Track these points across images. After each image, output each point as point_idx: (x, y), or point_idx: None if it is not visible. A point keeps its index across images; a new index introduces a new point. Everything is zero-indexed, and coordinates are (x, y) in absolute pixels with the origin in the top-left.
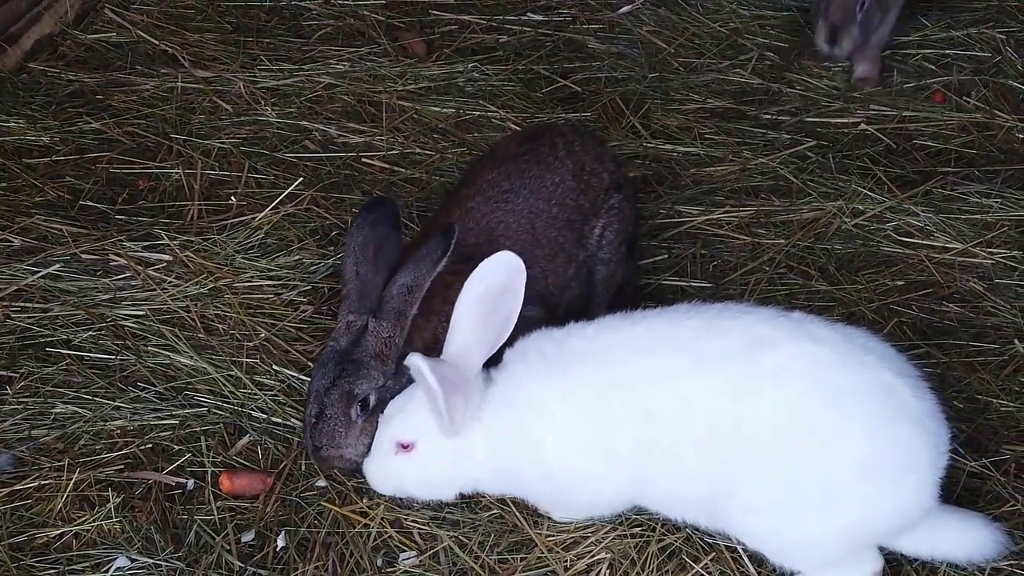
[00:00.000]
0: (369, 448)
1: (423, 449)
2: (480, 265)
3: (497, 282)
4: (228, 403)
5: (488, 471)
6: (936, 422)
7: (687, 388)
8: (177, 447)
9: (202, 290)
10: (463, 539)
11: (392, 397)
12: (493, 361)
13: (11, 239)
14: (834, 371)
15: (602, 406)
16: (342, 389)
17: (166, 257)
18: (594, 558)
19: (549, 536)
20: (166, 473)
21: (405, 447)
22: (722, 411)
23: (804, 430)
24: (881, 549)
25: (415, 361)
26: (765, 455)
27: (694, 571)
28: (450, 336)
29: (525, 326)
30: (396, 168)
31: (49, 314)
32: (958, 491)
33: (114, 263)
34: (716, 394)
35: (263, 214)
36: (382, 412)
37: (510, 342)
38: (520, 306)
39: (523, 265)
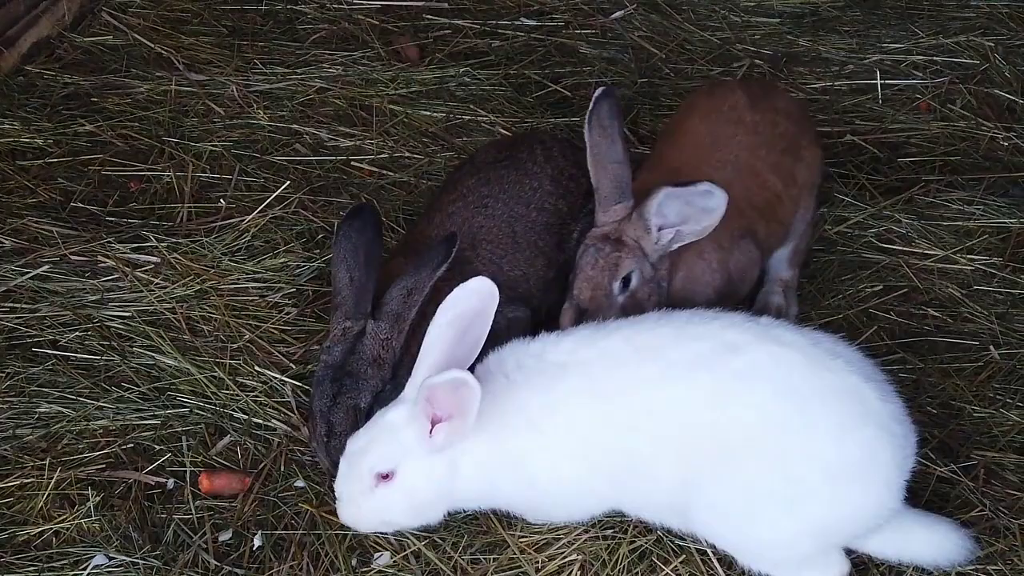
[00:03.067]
0: None
1: (403, 474)
2: (454, 291)
3: (470, 308)
4: (210, 404)
5: (473, 486)
6: (902, 425)
7: (664, 395)
8: (158, 447)
9: (188, 292)
10: (436, 540)
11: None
12: None
13: (2, 240)
14: (801, 374)
15: (585, 417)
16: (345, 405)
17: (154, 259)
18: (566, 559)
19: (522, 537)
20: (146, 473)
21: (385, 477)
22: (696, 416)
23: (773, 432)
24: (849, 553)
25: (459, 375)
26: (735, 457)
27: (664, 573)
28: (421, 359)
29: (511, 326)
30: (385, 172)
31: (37, 315)
32: (927, 495)
33: (102, 265)
34: (691, 400)
35: (251, 217)
36: None
37: (486, 349)
38: (487, 331)
39: (496, 291)
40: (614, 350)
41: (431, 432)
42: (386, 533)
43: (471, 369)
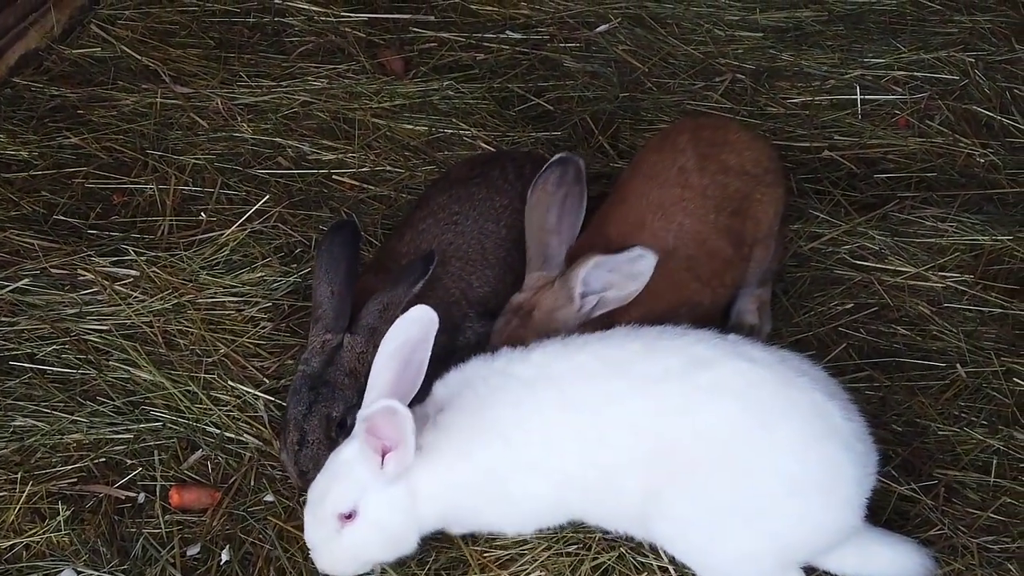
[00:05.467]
0: None
1: (365, 509)
2: (397, 321)
3: (411, 337)
4: (183, 418)
5: (439, 505)
6: (864, 444)
7: (633, 409)
8: (130, 461)
9: (166, 306)
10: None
11: None
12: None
13: None
14: (768, 390)
15: (555, 430)
16: (320, 414)
17: (133, 272)
18: None
19: (485, 553)
20: (117, 487)
21: (348, 517)
22: (664, 429)
23: (737, 446)
24: (810, 572)
25: (388, 404)
26: (700, 470)
27: None
28: (369, 391)
29: (481, 342)
30: (365, 185)
31: (15, 328)
32: (887, 513)
33: (82, 278)
34: (658, 413)
35: (230, 231)
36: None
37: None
38: (428, 356)
39: (436, 318)
40: (583, 364)
41: (383, 463)
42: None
43: (425, 391)
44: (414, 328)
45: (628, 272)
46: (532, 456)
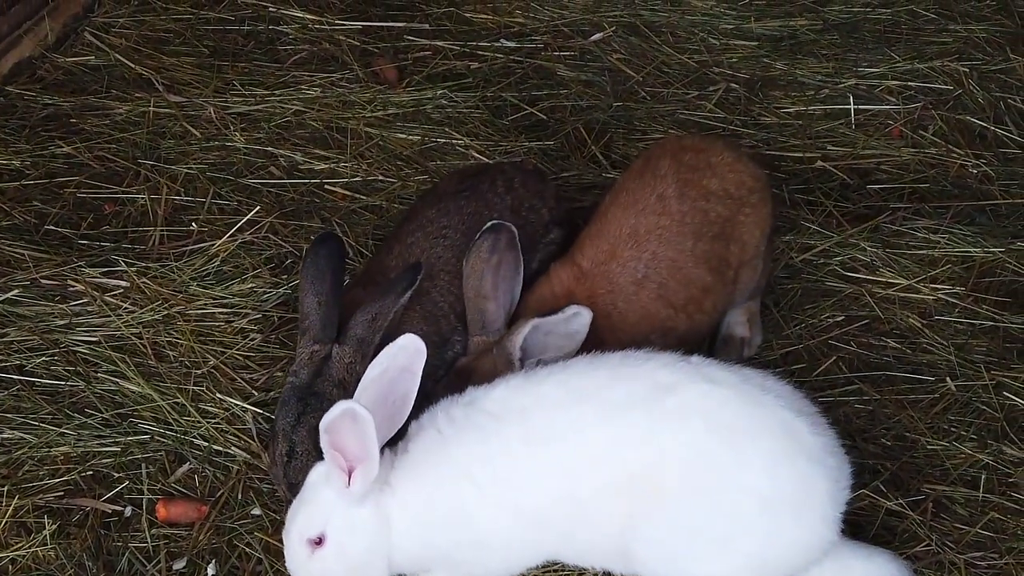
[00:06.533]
0: None
1: (332, 533)
2: (385, 348)
3: (396, 364)
4: (171, 430)
5: (410, 543)
6: (835, 457)
7: (600, 438)
8: (117, 474)
9: (156, 317)
10: None
11: None
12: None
13: None
14: (733, 411)
15: (522, 465)
16: (309, 425)
17: (123, 283)
18: None
19: None
20: (104, 500)
21: (317, 542)
22: (632, 457)
23: (706, 469)
24: None
25: (347, 406)
26: (671, 495)
27: None
28: None
29: None
30: (357, 196)
31: (5, 339)
32: (875, 529)
33: (72, 289)
34: (626, 441)
35: (221, 241)
36: None
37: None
38: (417, 387)
39: (424, 347)
40: (548, 395)
41: (349, 481)
42: None
43: (405, 427)
44: (401, 356)
45: (565, 331)
46: (497, 493)
